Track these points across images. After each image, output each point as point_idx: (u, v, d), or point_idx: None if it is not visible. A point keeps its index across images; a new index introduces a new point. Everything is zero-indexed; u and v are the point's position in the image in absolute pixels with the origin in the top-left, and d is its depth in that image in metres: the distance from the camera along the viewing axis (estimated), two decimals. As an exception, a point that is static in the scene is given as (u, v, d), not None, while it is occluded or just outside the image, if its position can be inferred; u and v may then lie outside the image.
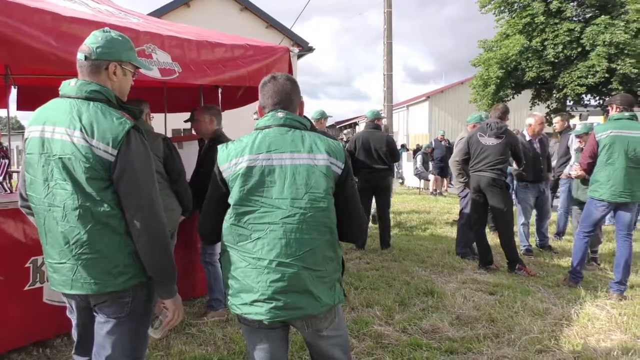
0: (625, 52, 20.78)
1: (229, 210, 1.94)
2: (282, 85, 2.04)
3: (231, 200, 1.93)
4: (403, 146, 26.47)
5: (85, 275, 1.83)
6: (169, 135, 5.39)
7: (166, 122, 6.04)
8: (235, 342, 3.54)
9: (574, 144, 6.71)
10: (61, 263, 1.87)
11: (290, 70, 4.29)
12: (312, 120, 6.01)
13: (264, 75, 2.12)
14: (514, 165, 6.12)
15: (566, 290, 4.87)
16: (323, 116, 6.26)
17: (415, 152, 19.68)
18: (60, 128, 1.81)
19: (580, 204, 5.96)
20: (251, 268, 1.88)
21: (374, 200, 6.97)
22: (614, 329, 3.85)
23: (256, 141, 1.94)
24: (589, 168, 4.81)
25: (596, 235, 5.60)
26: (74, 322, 2.08)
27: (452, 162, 6.42)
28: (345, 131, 34.28)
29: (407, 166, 18.12)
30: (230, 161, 1.94)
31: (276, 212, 1.87)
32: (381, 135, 6.79)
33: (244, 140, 1.98)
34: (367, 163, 6.58)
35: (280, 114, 1.99)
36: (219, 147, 2.02)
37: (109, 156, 1.79)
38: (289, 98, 2.04)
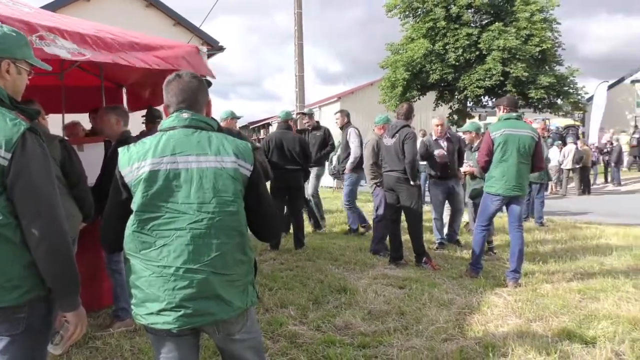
0: (517, 56, 22.48)
1: (132, 217, 1.85)
2: (187, 83, 1.98)
3: (134, 206, 1.84)
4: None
5: None
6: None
7: (64, 123, 5.66)
8: (144, 352, 3.40)
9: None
10: None
11: (205, 70, 4.18)
12: (220, 120, 5.92)
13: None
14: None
15: (468, 281, 5.18)
16: (232, 116, 6.17)
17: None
18: None
19: (474, 199, 6.43)
20: (156, 276, 1.81)
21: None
22: (510, 315, 4.15)
23: (160, 143, 1.86)
24: (487, 165, 5.16)
25: (490, 229, 6.01)
26: None
27: (365, 165, 6.70)
28: (262, 131, 34.08)
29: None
30: (132, 165, 1.85)
31: (183, 217, 1.81)
32: (294, 136, 6.84)
33: (147, 142, 1.90)
34: (280, 164, 6.59)
35: (185, 115, 1.93)
36: (120, 149, 1.92)
37: (1, 160, 1.64)
38: (194, 97, 1.98)
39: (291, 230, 7.10)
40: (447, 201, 7.02)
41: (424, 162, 7.05)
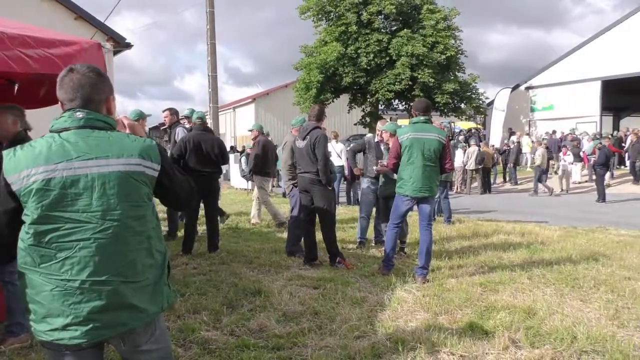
0: (424, 63, 23.59)
1: (26, 230, 1.70)
2: (82, 78, 1.81)
3: (27, 218, 1.69)
4: (232, 148, 26.43)
5: None
6: None
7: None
8: (43, 369, 3.17)
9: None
10: None
11: (104, 68, 3.97)
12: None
13: None
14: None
15: (380, 279, 5.33)
16: (141, 116, 5.92)
17: (241, 153, 19.77)
18: None
19: (385, 199, 6.67)
20: (59, 290, 1.68)
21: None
22: (418, 310, 4.33)
23: (52, 147, 1.70)
24: (395, 167, 5.37)
25: (402, 228, 6.25)
26: None
27: (282, 166, 6.72)
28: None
29: (234, 168, 18.12)
30: (21, 172, 1.68)
31: (85, 227, 1.69)
32: (212, 137, 6.69)
33: (37, 146, 1.72)
34: (198, 167, 6.40)
35: (80, 114, 1.77)
36: (4, 153, 1.73)
37: None
38: (90, 93, 1.81)
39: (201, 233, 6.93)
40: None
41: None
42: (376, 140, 7.15)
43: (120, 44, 13.08)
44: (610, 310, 4.25)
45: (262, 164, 8.80)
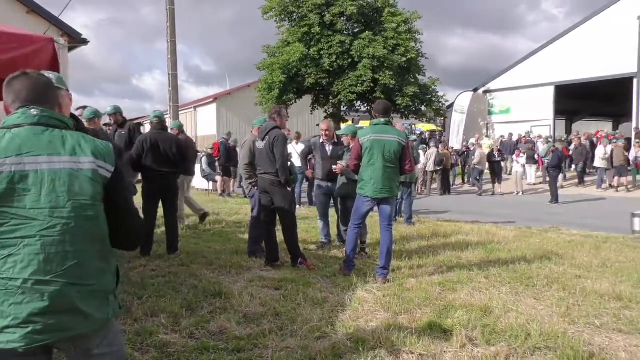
0: (385, 65, 23.87)
1: None
2: (36, 80, 1.81)
3: None
4: (191, 147, 25.99)
5: None
6: None
7: None
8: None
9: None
10: None
11: (56, 64, 3.84)
12: (84, 120, 5.50)
13: (19, 69, 1.85)
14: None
15: (342, 279, 5.36)
16: (96, 115, 5.75)
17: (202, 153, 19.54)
18: None
19: (343, 199, 6.72)
20: None
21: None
22: (379, 309, 4.37)
23: (2, 143, 1.67)
24: (356, 168, 5.41)
25: (364, 228, 6.31)
26: None
27: (240, 165, 6.68)
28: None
29: (195, 168, 17.86)
30: None
31: (32, 224, 1.64)
32: (170, 137, 6.57)
33: None
34: (155, 166, 6.27)
35: (34, 111, 1.75)
36: None
37: None
38: (45, 93, 1.82)
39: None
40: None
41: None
42: (321, 141, 7.20)
43: (76, 40, 12.70)
44: (562, 307, 4.40)
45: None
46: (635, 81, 22.21)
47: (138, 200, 5.77)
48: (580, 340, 3.59)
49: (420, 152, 17.70)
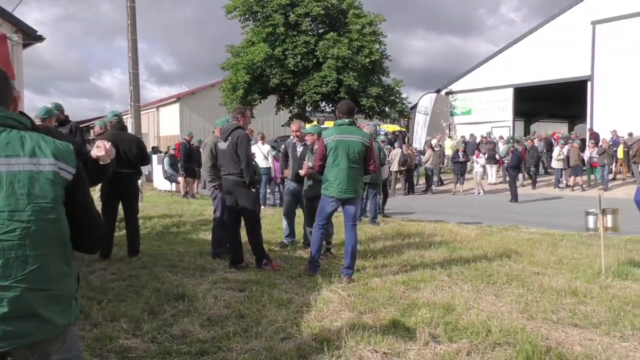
0: (350, 66, 24.03)
1: None
2: None
3: None
4: (154, 148, 25.59)
5: None
6: None
7: None
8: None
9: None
10: None
11: (8, 62, 3.70)
12: (36, 118, 5.31)
13: None
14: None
15: (307, 280, 5.35)
16: (50, 114, 5.56)
17: (165, 154, 19.23)
18: None
19: (311, 200, 6.73)
20: None
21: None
22: (344, 309, 4.38)
23: None
24: (321, 169, 5.42)
25: (328, 229, 6.31)
26: None
27: (203, 168, 6.60)
28: (92, 131, 31.41)
29: (157, 169, 17.55)
30: None
31: None
32: (131, 137, 6.42)
33: None
34: (114, 167, 6.11)
35: None
36: None
37: None
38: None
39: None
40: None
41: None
42: (293, 142, 7.22)
43: (31, 37, 12.25)
44: (521, 304, 4.53)
45: None
46: (589, 84, 23.09)
47: (95, 203, 5.63)
48: (538, 335, 3.69)
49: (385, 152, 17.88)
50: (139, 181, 7.12)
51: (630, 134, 18.76)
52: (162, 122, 38.65)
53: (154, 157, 18.70)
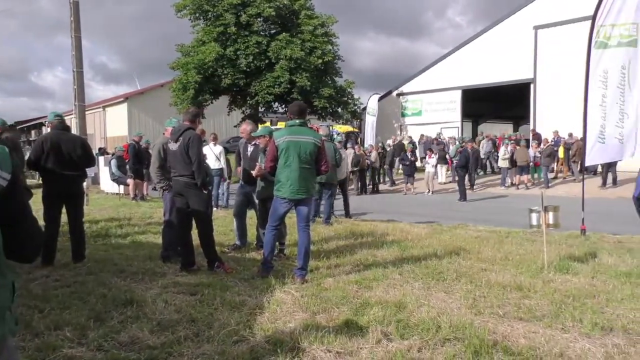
0: (302, 67, 24.06)
1: None
2: None
3: None
4: (101, 150, 24.78)
5: None
6: None
7: None
8: None
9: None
10: None
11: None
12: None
13: None
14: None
15: (260, 281, 5.31)
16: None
17: (112, 155, 18.66)
18: None
19: (263, 201, 6.69)
20: None
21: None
22: (297, 310, 4.37)
23: None
24: (272, 170, 5.39)
25: (281, 230, 6.29)
26: None
27: (151, 169, 6.45)
28: (34, 132, 30.03)
29: (104, 171, 16.98)
30: None
31: None
32: (74, 138, 6.18)
33: None
34: (57, 169, 5.87)
35: None
36: None
37: None
38: None
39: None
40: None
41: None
42: (244, 142, 7.18)
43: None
44: (469, 299, 4.65)
45: None
46: (532, 86, 24.05)
47: (37, 207, 5.42)
48: (485, 330, 3.80)
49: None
50: (84, 183, 6.85)
51: (570, 135, 19.65)
52: (109, 123, 37.48)
53: (101, 159, 18.12)
